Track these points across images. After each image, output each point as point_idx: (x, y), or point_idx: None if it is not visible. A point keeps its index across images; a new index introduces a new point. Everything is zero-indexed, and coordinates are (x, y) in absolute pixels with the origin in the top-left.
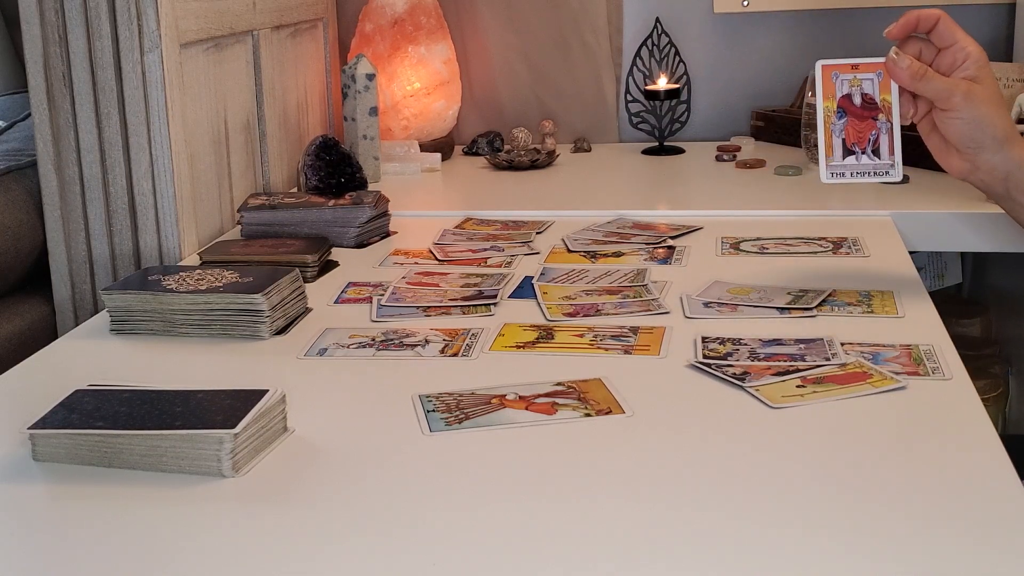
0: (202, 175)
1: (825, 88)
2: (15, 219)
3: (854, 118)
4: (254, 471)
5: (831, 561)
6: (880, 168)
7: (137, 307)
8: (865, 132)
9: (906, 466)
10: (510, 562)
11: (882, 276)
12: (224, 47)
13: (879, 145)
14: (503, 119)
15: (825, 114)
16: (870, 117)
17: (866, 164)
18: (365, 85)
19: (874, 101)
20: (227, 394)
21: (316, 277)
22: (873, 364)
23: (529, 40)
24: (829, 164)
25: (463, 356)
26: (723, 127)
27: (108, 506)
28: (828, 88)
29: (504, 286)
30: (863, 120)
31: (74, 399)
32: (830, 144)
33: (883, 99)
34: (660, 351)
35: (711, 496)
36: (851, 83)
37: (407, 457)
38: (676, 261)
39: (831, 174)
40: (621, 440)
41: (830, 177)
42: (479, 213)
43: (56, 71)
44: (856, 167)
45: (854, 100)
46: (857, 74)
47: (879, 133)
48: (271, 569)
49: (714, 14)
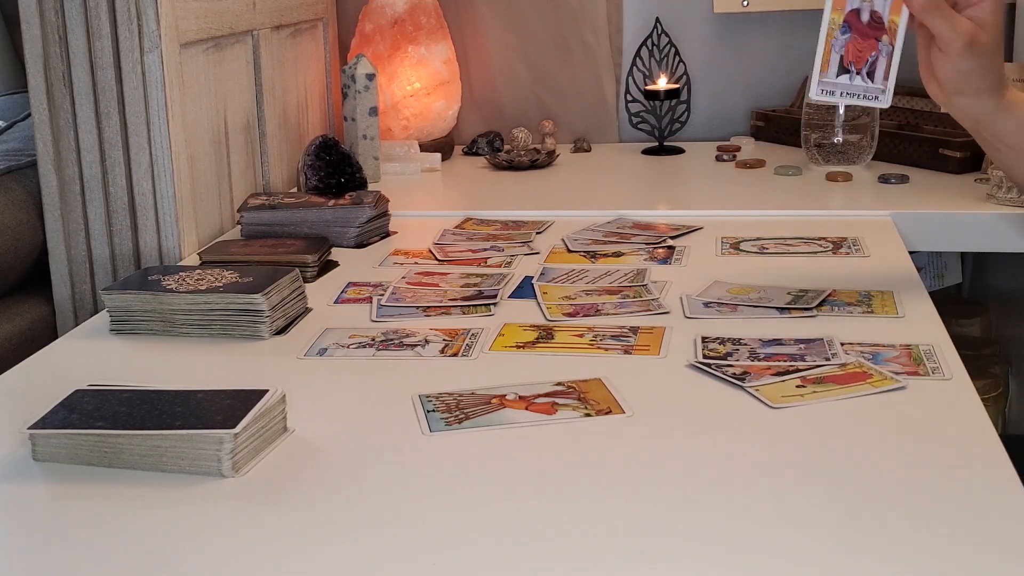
0: (202, 175)
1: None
2: (15, 219)
3: (857, 35)
4: (254, 471)
5: (831, 561)
6: (871, 92)
7: (137, 307)
8: (865, 52)
9: (906, 466)
10: (510, 562)
11: (882, 276)
12: (224, 47)
13: (875, 68)
14: (503, 119)
15: (830, 26)
16: (873, 37)
17: (858, 86)
18: (365, 85)
19: (881, 21)
20: (227, 394)
21: (316, 277)
22: (873, 364)
23: (529, 40)
24: (821, 80)
25: (463, 356)
26: (723, 127)
27: (108, 506)
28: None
29: (504, 286)
30: (866, 39)
31: (74, 399)
32: (827, 59)
33: (891, 20)
34: (660, 351)
35: (711, 496)
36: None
37: (407, 457)
38: (676, 261)
39: (821, 91)
40: (621, 440)
41: (819, 94)
42: (479, 213)
43: (56, 71)
44: (847, 87)
45: (862, 16)
46: None
47: (878, 55)
48: (271, 569)
49: (714, 14)
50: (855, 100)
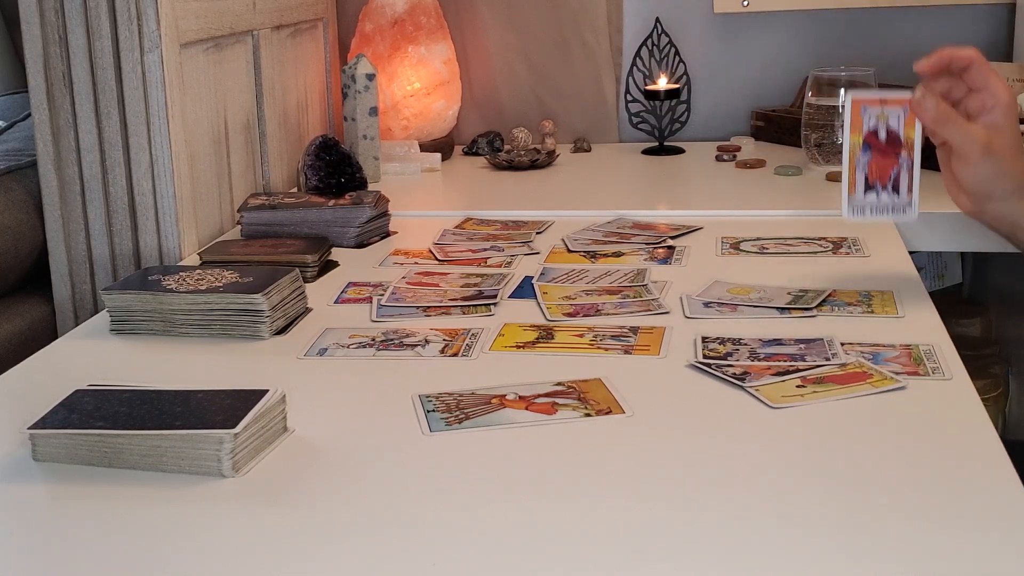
0: (202, 175)
1: (853, 122)
2: (15, 219)
3: (877, 154)
4: (254, 471)
5: (831, 561)
6: (898, 206)
7: (137, 307)
8: (887, 168)
9: (906, 466)
10: (510, 562)
11: (882, 276)
12: (224, 47)
13: (899, 182)
14: (503, 119)
15: (852, 149)
16: (893, 153)
17: (885, 202)
18: (365, 85)
19: (898, 137)
20: (227, 394)
21: (316, 277)
22: (873, 364)
23: (529, 40)
24: (852, 202)
25: (463, 356)
26: (723, 127)
27: (108, 506)
28: (856, 122)
29: (504, 286)
30: (886, 156)
31: (74, 399)
32: (853, 180)
33: (907, 135)
34: (660, 351)
35: (711, 496)
36: (878, 117)
37: (407, 457)
38: (676, 261)
39: (853, 211)
40: (621, 440)
41: (852, 214)
42: (479, 213)
43: (56, 71)
44: (876, 204)
45: (879, 135)
46: (885, 108)
47: (900, 169)
48: (271, 569)
49: (714, 14)
50: (885, 216)
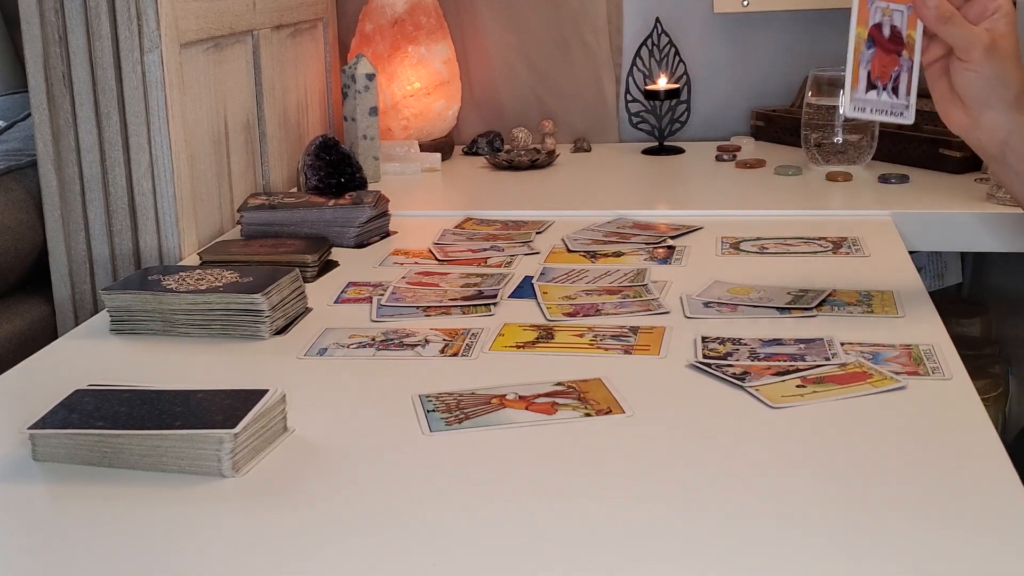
0: (202, 175)
1: (860, 13)
2: (15, 219)
3: (881, 50)
4: (254, 471)
5: (831, 561)
6: (896, 108)
7: (137, 307)
8: (889, 67)
9: (906, 466)
10: (510, 562)
11: (882, 276)
12: (224, 47)
13: (899, 83)
14: (503, 119)
15: (856, 41)
16: (895, 52)
17: (884, 102)
18: (365, 85)
19: (901, 35)
20: (227, 394)
21: (316, 277)
22: (873, 364)
23: (529, 40)
24: (854, 96)
25: (463, 356)
26: (723, 127)
27: (108, 506)
28: (863, 14)
29: (504, 286)
30: (888, 54)
31: (74, 399)
32: (857, 75)
33: (908, 35)
34: (660, 351)
35: (711, 496)
36: (884, 12)
37: (407, 457)
38: (676, 261)
39: (854, 107)
40: (621, 440)
41: (853, 110)
42: (479, 213)
43: (56, 71)
44: (876, 103)
45: (883, 31)
46: (890, 4)
47: (900, 70)
48: (271, 569)
49: (714, 14)
50: (883, 116)
